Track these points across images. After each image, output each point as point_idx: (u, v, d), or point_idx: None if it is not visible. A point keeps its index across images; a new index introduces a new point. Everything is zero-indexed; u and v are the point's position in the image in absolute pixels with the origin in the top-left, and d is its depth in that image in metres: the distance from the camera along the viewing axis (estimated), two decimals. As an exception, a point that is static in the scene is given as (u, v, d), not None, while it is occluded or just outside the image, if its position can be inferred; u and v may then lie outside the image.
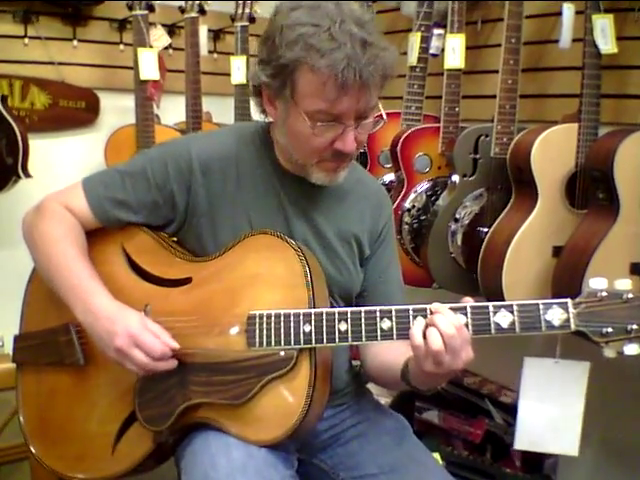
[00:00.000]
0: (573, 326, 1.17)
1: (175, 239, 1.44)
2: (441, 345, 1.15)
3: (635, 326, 1.15)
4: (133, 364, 1.27)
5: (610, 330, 1.16)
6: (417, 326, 1.19)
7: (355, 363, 1.57)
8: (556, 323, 1.17)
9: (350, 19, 1.21)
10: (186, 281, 1.37)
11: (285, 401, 1.26)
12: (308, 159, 1.33)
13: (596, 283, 1.19)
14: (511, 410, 2.40)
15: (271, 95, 1.31)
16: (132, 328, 1.27)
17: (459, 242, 2.15)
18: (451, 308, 1.20)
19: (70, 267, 1.35)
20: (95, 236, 1.42)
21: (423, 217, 2.25)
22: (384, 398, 2.32)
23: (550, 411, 1.31)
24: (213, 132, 1.62)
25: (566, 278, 1.83)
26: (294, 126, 1.29)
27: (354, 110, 1.24)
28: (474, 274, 2.07)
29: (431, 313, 1.20)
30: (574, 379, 1.30)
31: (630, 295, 1.16)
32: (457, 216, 2.14)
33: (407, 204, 2.24)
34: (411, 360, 1.27)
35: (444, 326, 1.16)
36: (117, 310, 1.30)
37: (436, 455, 1.57)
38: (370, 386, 1.62)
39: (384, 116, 1.35)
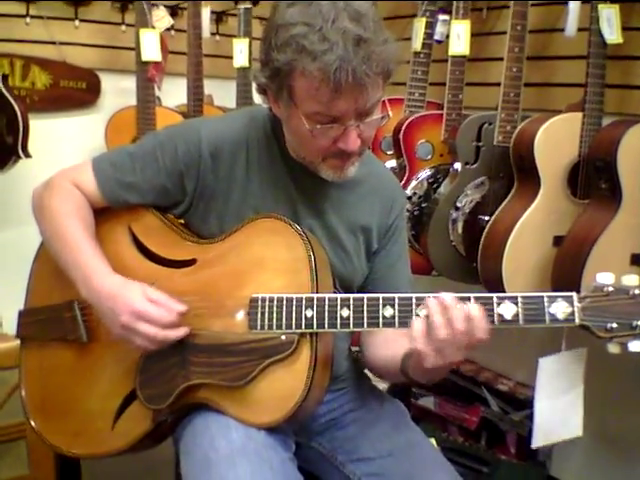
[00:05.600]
0: (577, 320, 1.16)
1: (182, 221, 1.44)
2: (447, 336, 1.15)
3: (640, 322, 1.14)
4: (142, 338, 1.27)
5: (615, 326, 1.15)
6: (417, 326, 1.18)
7: (354, 349, 1.57)
8: (560, 316, 1.16)
9: (345, 14, 1.16)
10: (191, 262, 1.37)
11: (285, 385, 1.26)
12: (314, 157, 1.31)
13: (603, 278, 1.17)
14: (507, 398, 2.42)
15: (273, 96, 1.29)
16: (135, 303, 1.27)
17: (460, 230, 2.15)
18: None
19: (76, 244, 1.35)
20: (102, 216, 1.43)
21: (424, 204, 2.24)
22: (382, 384, 2.33)
23: (560, 403, 1.32)
24: (224, 116, 1.60)
25: (566, 268, 1.84)
26: (296, 127, 1.27)
27: (353, 110, 1.21)
28: (474, 263, 2.07)
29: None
30: (576, 366, 1.30)
31: (637, 291, 1.14)
32: (458, 204, 2.13)
33: (408, 191, 2.23)
34: (411, 355, 1.27)
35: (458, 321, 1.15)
36: (118, 287, 1.30)
37: (432, 441, 1.57)
38: (368, 372, 1.62)
39: (389, 111, 1.32)
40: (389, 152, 2.38)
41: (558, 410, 1.33)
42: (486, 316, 1.17)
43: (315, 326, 1.25)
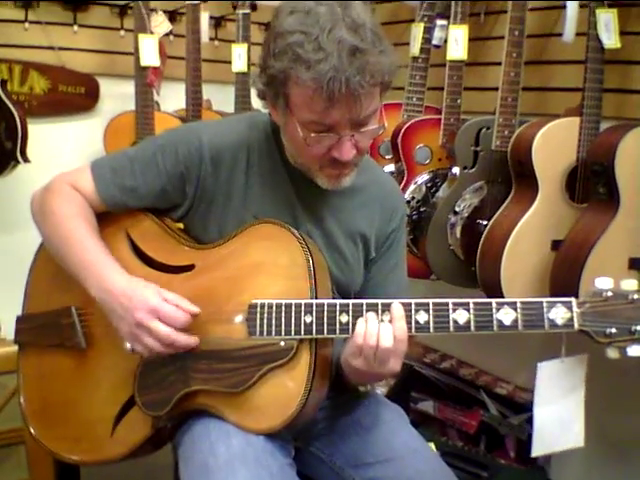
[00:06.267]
0: (577, 325, 1.16)
1: (180, 226, 1.44)
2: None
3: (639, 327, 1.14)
4: (153, 338, 1.27)
5: (614, 331, 1.15)
6: (362, 325, 1.23)
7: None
8: (559, 322, 1.17)
9: (342, 24, 1.16)
10: (189, 268, 1.37)
11: (284, 391, 1.26)
12: (310, 165, 1.32)
13: (601, 283, 1.17)
14: (506, 402, 2.42)
15: (270, 102, 1.29)
16: (151, 301, 1.27)
17: (458, 234, 2.15)
18: (454, 303, 1.20)
19: (82, 244, 1.35)
20: (100, 221, 1.42)
21: (422, 209, 2.24)
22: (380, 388, 2.33)
23: (560, 411, 1.32)
24: (225, 120, 1.61)
25: (564, 272, 1.84)
26: (292, 134, 1.27)
27: (347, 120, 1.21)
28: (472, 267, 2.07)
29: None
30: (576, 373, 1.30)
31: (635, 296, 1.14)
32: (457, 208, 2.13)
33: (407, 195, 2.24)
34: (346, 355, 1.29)
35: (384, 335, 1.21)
36: (132, 285, 1.30)
37: (431, 445, 1.57)
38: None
39: (385, 122, 1.32)
40: (387, 156, 2.38)
41: (558, 418, 1.32)
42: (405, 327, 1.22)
43: (314, 332, 1.25)
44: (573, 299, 1.17)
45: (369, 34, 1.17)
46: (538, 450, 1.34)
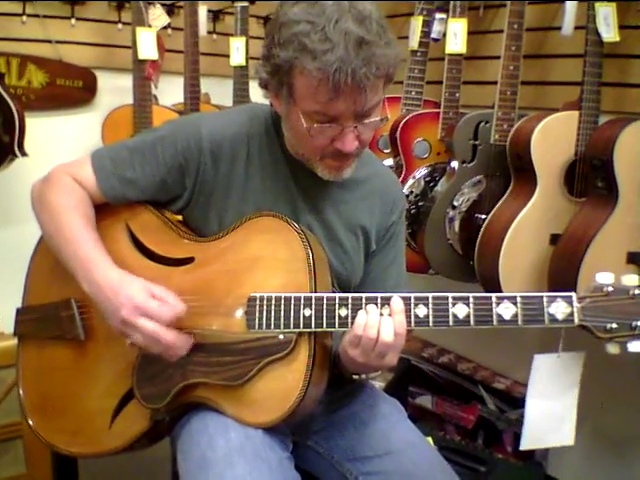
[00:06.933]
0: (577, 320, 1.16)
1: (179, 218, 1.44)
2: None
3: (640, 323, 1.13)
4: (141, 334, 1.26)
5: (614, 326, 1.15)
6: (364, 316, 1.23)
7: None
8: (560, 317, 1.16)
9: (349, 15, 1.16)
10: (189, 261, 1.37)
11: (283, 384, 1.26)
12: (311, 155, 1.32)
13: (602, 278, 1.17)
14: (504, 397, 2.43)
15: (273, 91, 1.29)
16: (136, 298, 1.26)
17: (456, 229, 2.15)
18: (454, 297, 1.20)
19: (77, 237, 1.35)
20: (99, 213, 1.42)
21: (421, 203, 2.25)
22: (378, 382, 2.33)
23: (552, 406, 1.32)
24: (225, 112, 1.60)
25: (563, 266, 1.84)
26: (295, 124, 1.27)
27: (351, 111, 1.21)
28: (471, 261, 2.08)
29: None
30: (572, 370, 1.30)
31: (636, 291, 1.14)
32: (455, 203, 2.14)
33: (405, 190, 2.24)
34: (344, 344, 1.29)
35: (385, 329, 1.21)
36: (121, 280, 1.30)
37: (429, 440, 1.57)
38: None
39: (388, 114, 1.32)
40: (386, 150, 2.38)
41: (550, 413, 1.33)
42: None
43: (313, 325, 1.25)
44: (573, 294, 1.17)
45: (375, 26, 1.17)
46: (527, 444, 1.34)
